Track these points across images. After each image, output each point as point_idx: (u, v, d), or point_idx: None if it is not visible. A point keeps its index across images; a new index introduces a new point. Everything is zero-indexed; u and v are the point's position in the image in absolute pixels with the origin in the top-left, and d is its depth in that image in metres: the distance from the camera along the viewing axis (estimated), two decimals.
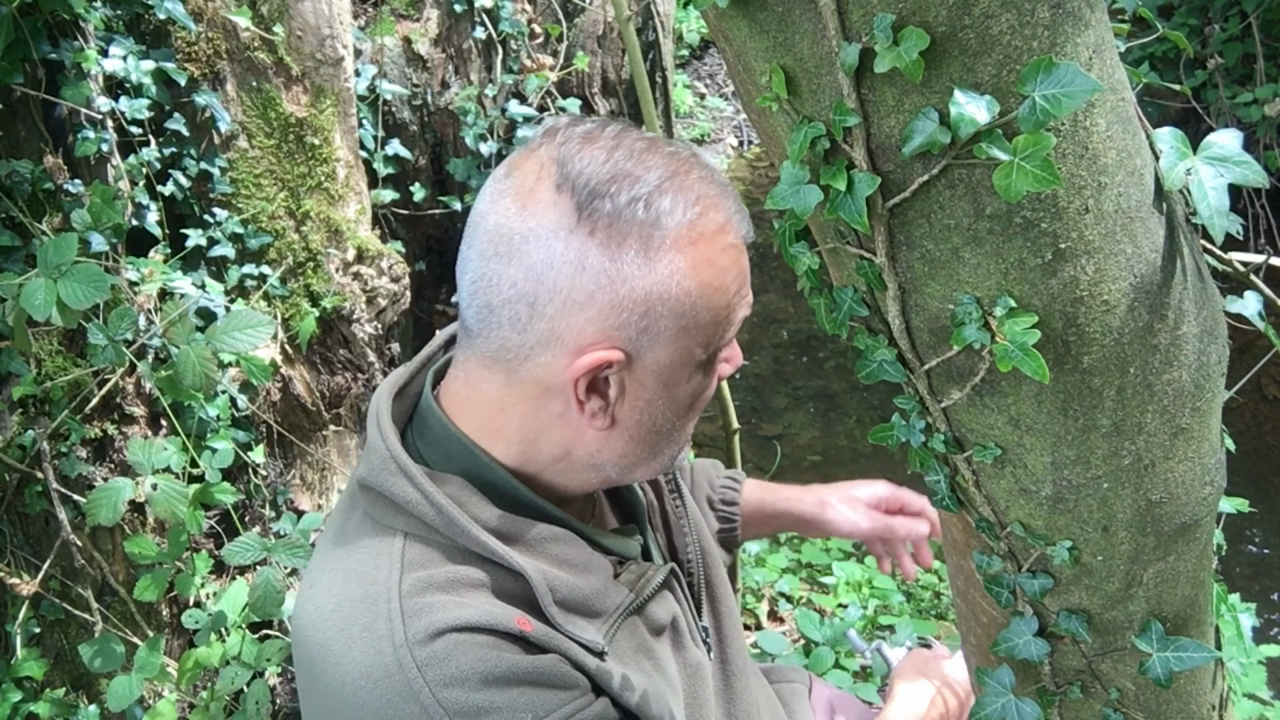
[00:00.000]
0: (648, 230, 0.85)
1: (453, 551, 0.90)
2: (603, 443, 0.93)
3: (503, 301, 0.88)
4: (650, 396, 0.91)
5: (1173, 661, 0.87)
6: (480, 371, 0.93)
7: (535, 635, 0.87)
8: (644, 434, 0.93)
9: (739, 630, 1.22)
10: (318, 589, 0.93)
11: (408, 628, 0.84)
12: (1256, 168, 0.73)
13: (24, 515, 1.98)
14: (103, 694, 1.89)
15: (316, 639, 0.89)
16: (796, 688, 1.40)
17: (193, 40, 2.06)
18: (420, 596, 0.86)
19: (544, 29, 2.67)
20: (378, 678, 0.84)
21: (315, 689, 0.90)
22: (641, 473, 0.98)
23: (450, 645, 0.84)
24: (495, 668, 0.84)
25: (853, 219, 0.72)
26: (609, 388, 0.89)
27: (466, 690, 0.83)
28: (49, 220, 1.90)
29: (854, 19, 0.67)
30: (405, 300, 2.44)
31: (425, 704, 0.82)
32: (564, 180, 0.85)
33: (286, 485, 2.33)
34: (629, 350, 0.87)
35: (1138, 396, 0.77)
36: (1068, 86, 0.64)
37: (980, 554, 0.90)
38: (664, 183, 0.86)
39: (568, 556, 0.94)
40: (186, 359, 1.67)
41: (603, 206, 0.84)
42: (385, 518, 0.92)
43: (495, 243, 0.88)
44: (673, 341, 0.89)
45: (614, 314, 0.86)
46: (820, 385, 4.26)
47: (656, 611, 1.02)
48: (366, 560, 0.91)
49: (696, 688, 1.06)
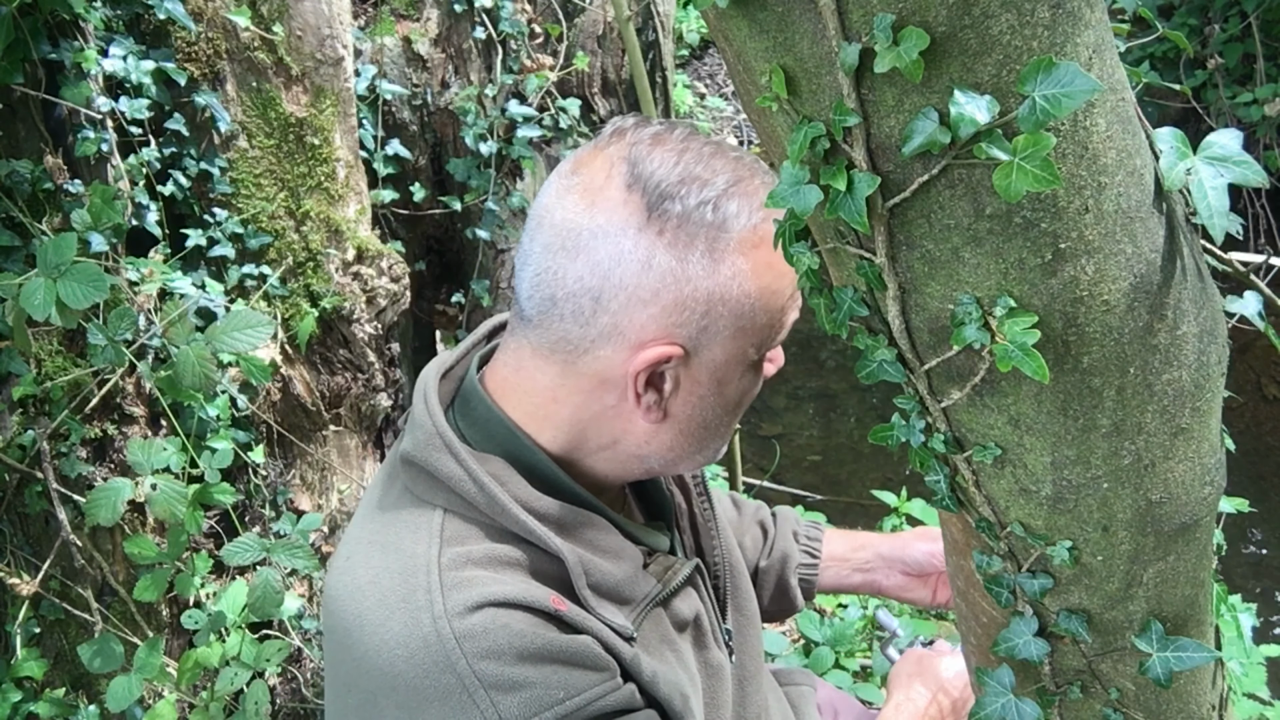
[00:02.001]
0: (714, 232, 0.88)
1: (491, 530, 0.92)
2: (652, 435, 0.95)
3: (567, 295, 0.90)
4: (703, 393, 0.94)
5: (1173, 661, 0.87)
6: (535, 361, 0.94)
7: (569, 616, 0.89)
8: (693, 428, 0.96)
9: (758, 636, 1.23)
10: (354, 561, 0.94)
11: (447, 600, 0.85)
12: (1256, 168, 0.73)
13: (24, 515, 1.98)
14: (103, 694, 1.89)
15: (352, 610, 0.90)
16: (805, 691, 1.41)
17: (193, 40, 2.06)
18: (459, 570, 0.88)
19: (544, 29, 2.67)
20: (414, 648, 0.85)
21: (348, 659, 0.91)
22: (686, 465, 1.00)
23: (488, 619, 0.85)
24: (531, 644, 0.85)
25: (853, 219, 0.72)
26: (665, 382, 0.92)
27: (502, 664, 0.84)
28: (49, 220, 1.90)
29: (854, 19, 0.67)
30: (405, 300, 2.44)
31: (462, 675, 0.83)
32: (634, 180, 0.88)
33: (286, 485, 2.33)
34: (688, 347, 0.90)
35: (1138, 396, 0.77)
36: (1068, 86, 0.64)
37: (980, 554, 0.90)
38: (731, 187, 0.89)
39: (601, 542, 0.95)
40: (186, 359, 1.67)
41: (673, 208, 0.87)
42: (425, 493, 0.94)
43: (562, 237, 0.90)
44: (729, 341, 0.92)
45: (677, 312, 0.89)
46: (820, 385, 4.26)
47: (680, 607, 1.04)
48: (405, 534, 0.92)
49: (716, 688, 1.07)
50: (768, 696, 1.22)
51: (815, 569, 1.43)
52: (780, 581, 1.41)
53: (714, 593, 1.15)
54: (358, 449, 2.46)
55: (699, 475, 1.21)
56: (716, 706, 1.06)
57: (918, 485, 1.10)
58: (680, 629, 1.04)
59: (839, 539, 1.48)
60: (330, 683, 0.97)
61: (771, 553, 1.43)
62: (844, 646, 2.37)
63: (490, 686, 0.83)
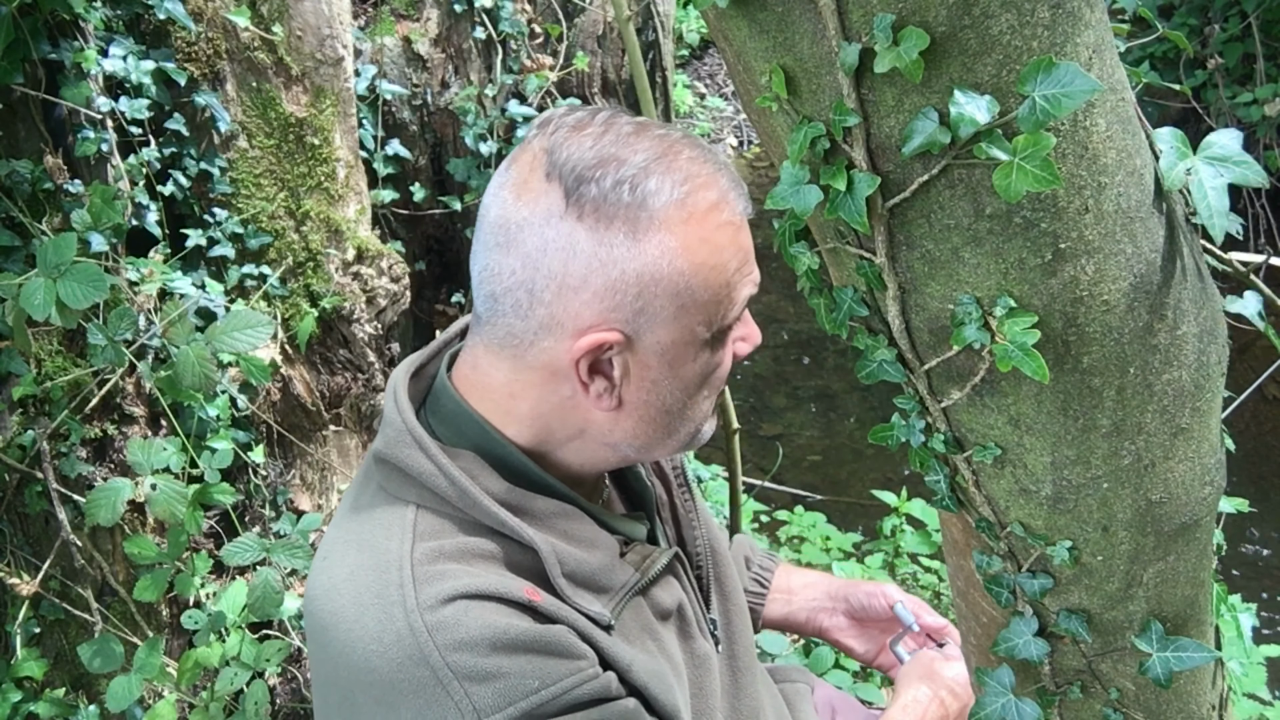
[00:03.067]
0: (634, 212, 0.86)
1: (464, 524, 0.92)
2: (613, 423, 0.95)
3: (505, 290, 0.90)
4: (655, 377, 0.92)
5: (1173, 661, 0.87)
6: (489, 358, 0.95)
7: (544, 606, 0.89)
8: (654, 414, 0.95)
9: (748, 628, 1.23)
10: (330, 560, 0.95)
11: (419, 594, 0.86)
12: (1256, 168, 0.73)
13: (24, 515, 1.98)
14: (103, 694, 1.89)
15: (329, 608, 0.91)
16: (801, 688, 1.40)
17: (193, 40, 2.06)
18: (431, 565, 0.88)
19: (544, 29, 2.67)
20: (388, 642, 0.85)
21: (326, 657, 0.91)
22: (660, 450, 0.99)
23: (460, 611, 0.85)
24: (504, 634, 0.85)
25: (853, 219, 0.72)
26: (613, 369, 0.91)
27: (476, 655, 0.84)
28: (49, 220, 1.90)
29: (854, 19, 0.67)
30: (405, 300, 2.44)
31: (435, 667, 0.84)
32: (552, 168, 0.87)
33: (286, 485, 2.33)
34: (627, 332, 0.89)
35: (1138, 396, 0.77)
36: (1068, 86, 0.64)
37: (980, 554, 0.90)
38: (650, 164, 0.87)
39: (575, 532, 0.95)
40: (186, 359, 1.67)
41: (589, 191, 0.86)
42: (399, 490, 0.94)
43: (496, 234, 0.90)
44: (672, 321, 0.90)
45: (609, 296, 0.87)
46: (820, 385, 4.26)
47: (661, 596, 1.03)
48: (379, 531, 0.93)
49: (703, 679, 1.07)
50: (761, 690, 1.22)
51: (762, 599, 1.42)
52: None
53: (697, 582, 1.14)
54: (358, 449, 2.46)
55: (680, 466, 1.21)
56: (704, 697, 1.06)
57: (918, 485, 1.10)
58: (663, 618, 1.04)
59: (792, 574, 1.47)
60: (314, 682, 0.98)
61: None
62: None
63: (464, 678, 0.83)
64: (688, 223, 0.88)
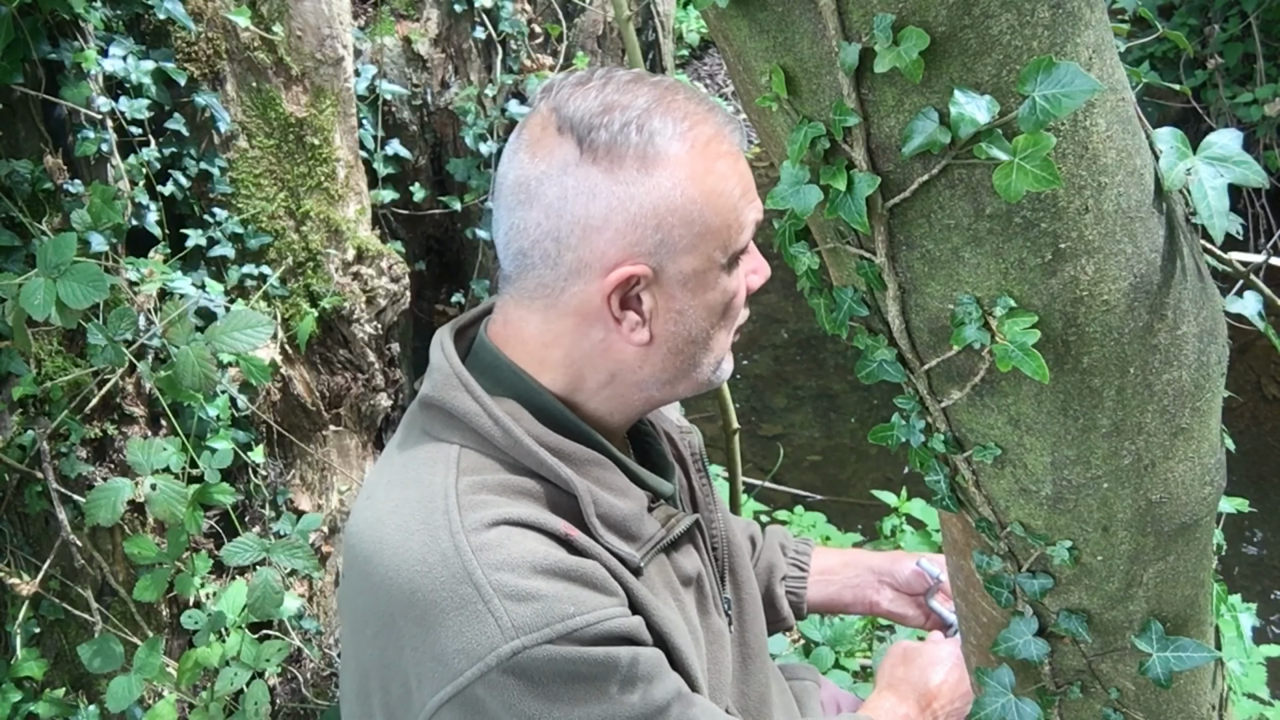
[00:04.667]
0: (643, 149, 0.93)
1: (505, 464, 0.96)
2: (644, 359, 0.99)
3: (532, 243, 0.96)
4: (681, 306, 0.98)
5: (1173, 661, 0.86)
6: (520, 312, 1.00)
7: (579, 541, 0.93)
8: (681, 344, 1.00)
9: (759, 616, 1.25)
10: (374, 499, 0.99)
11: (464, 518, 0.90)
12: (1256, 168, 0.73)
13: (24, 515, 1.98)
14: (103, 694, 1.89)
15: (371, 537, 0.95)
16: (809, 686, 1.41)
17: (193, 40, 2.06)
18: (475, 494, 0.93)
19: (544, 29, 2.66)
20: (433, 562, 0.89)
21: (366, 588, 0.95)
22: (683, 387, 1.03)
23: (503, 534, 0.90)
24: (544, 559, 0.89)
25: (853, 219, 0.72)
26: (642, 304, 0.96)
27: (517, 575, 0.88)
28: (49, 220, 1.90)
29: (854, 19, 0.67)
30: (405, 300, 2.44)
31: (479, 584, 0.87)
32: (563, 122, 0.94)
33: (286, 485, 2.33)
34: (652, 264, 0.95)
35: (1138, 396, 0.77)
36: (1068, 86, 0.64)
37: (980, 554, 0.90)
38: (651, 106, 0.94)
39: (607, 480, 1.00)
40: (186, 359, 1.67)
41: (599, 136, 0.93)
42: (443, 432, 0.99)
43: (516, 193, 0.96)
44: (691, 249, 0.95)
45: (630, 231, 0.93)
46: (820, 385, 4.26)
47: (683, 561, 1.07)
48: (423, 468, 0.97)
49: (718, 654, 1.10)
50: (770, 678, 1.23)
51: (803, 581, 1.44)
52: (767, 592, 1.42)
53: (714, 561, 1.17)
54: (358, 449, 2.46)
55: (698, 452, 1.25)
56: (718, 672, 1.09)
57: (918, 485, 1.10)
58: (685, 584, 1.07)
59: (828, 554, 1.49)
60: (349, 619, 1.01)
61: (758, 564, 1.43)
62: (844, 646, 2.37)
63: (505, 595, 0.87)
64: (691, 154, 0.94)
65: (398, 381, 2.51)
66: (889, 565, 1.44)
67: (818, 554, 1.48)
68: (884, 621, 2.51)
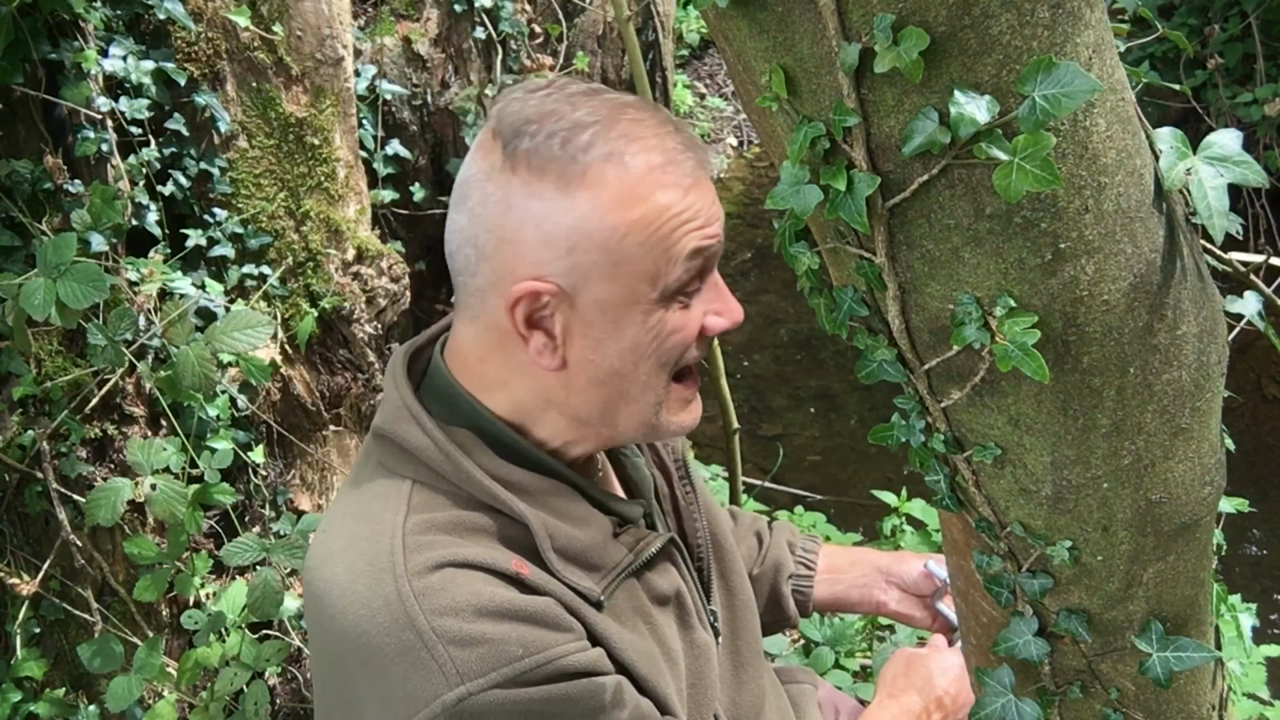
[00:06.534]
0: (564, 165, 0.87)
1: (457, 498, 0.94)
2: (567, 388, 0.94)
3: (457, 247, 0.93)
4: (599, 335, 0.91)
5: (1173, 661, 0.86)
6: (459, 325, 0.98)
7: (530, 579, 0.90)
8: (603, 376, 0.93)
9: (753, 622, 1.23)
10: (330, 532, 0.97)
11: (408, 561, 0.88)
12: (1256, 168, 0.73)
13: (24, 515, 1.98)
14: (103, 694, 1.89)
15: (324, 575, 0.93)
16: (806, 689, 1.40)
17: (193, 40, 2.06)
18: (422, 535, 0.90)
19: (544, 29, 2.67)
20: (376, 607, 0.87)
21: (320, 624, 0.93)
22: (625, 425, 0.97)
23: (447, 578, 0.87)
24: (490, 601, 0.87)
25: (853, 219, 0.72)
26: (553, 325, 0.91)
27: (460, 620, 0.86)
28: (49, 220, 1.90)
29: (854, 19, 0.67)
30: (405, 300, 2.44)
31: (420, 631, 0.85)
32: (498, 126, 0.90)
33: (286, 485, 2.33)
34: (564, 285, 0.89)
35: (1138, 396, 0.77)
36: (1068, 86, 0.64)
37: (980, 554, 0.90)
38: (588, 121, 0.88)
39: (566, 509, 0.97)
40: (186, 359, 1.67)
41: (522, 144, 0.88)
42: (396, 465, 0.96)
43: (455, 194, 0.93)
44: (609, 278, 0.89)
45: (542, 249, 0.88)
46: (820, 385, 4.26)
47: (658, 581, 1.04)
48: (376, 503, 0.95)
49: (703, 669, 1.08)
50: (765, 686, 1.22)
51: (809, 580, 1.42)
52: (773, 590, 1.41)
53: (697, 574, 1.15)
54: (357, 449, 2.46)
55: (680, 458, 1.21)
56: (703, 687, 1.07)
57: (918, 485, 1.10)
58: (660, 603, 1.04)
59: (836, 553, 1.48)
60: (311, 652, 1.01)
61: (764, 561, 1.42)
62: (844, 646, 2.37)
63: (448, 642, 0.85)
64: (622, 179, 0.87)
65: None
66: (896, 565, 1.43)
67: (825, 552, 1.47)
68: (884, 622, 2.51)
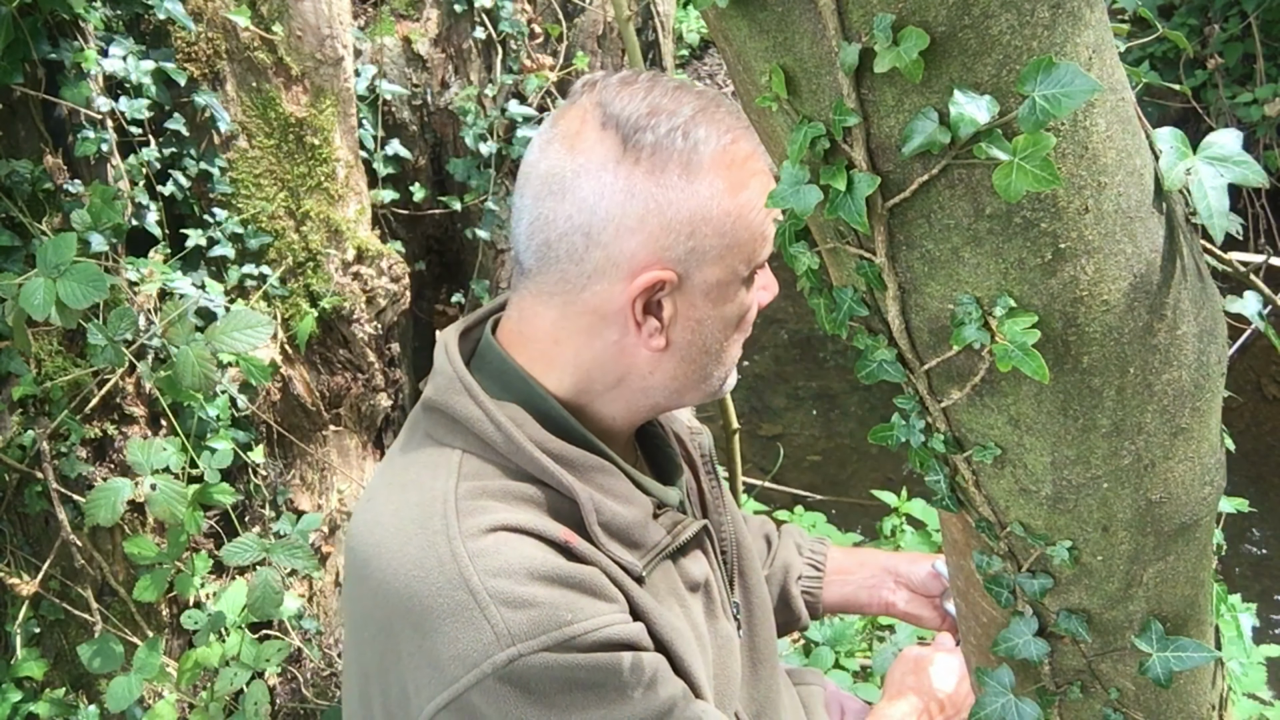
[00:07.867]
0: (687, 156, 0.93)
1: (507, 470, 0.96)
2: (655, 365, 0.99)
3: (559, 236, 0.95)
4: (700, 316, 0.98)
5: (1173, 661, 0.86)
6: (536, 306, 0.99)
7: (578, 548, 0.92)
8: (695, 354, 1.00)
9: (769, 620, 1.25)
10: (375, 501, 0.99)
11: (461, 523, 0.90)
12: (1256, 168, 0.73)
13: (24, 515, 1.98)
14: (103, 694, 1.89)
15: (371, 541, 0.95)
16: (815, 690, 1.41)
17: (192, 40, 2.06)
18: (474, 500, 0.92)
19: (544, 29, 2.66)
20: (429, 566, 0.89)
21: (365, 591, 0.95)
22: (690, 397, 1.03)
23: (501, 540, 0.89)
24: (541, 566, 0.89)
25: (852, 219, 0.72)
26: (663, 310, 0.96)
27: (513, 582, 0.87)
28: (49, 220, 1.90)
29: (854, 19, 0.67)
30: (405, 300, 2.44)
31: (474, 590, 0.87)
32: (608, 119, 0.94)
33: (286, 485, 2.33)
34: (679, 271, 0.95)
35: (1137, 396, 0.77)
36: (1068, 86, 0.64)
37: (980, 554, 0.90)
38: (697, 114, 0.95)
39: (612, 487, 0.99)
40: (186, 359, 1.67)
41: (645, 138, 0.93)
42: (445, 436, 0.98)
43: (549, 184, 0.95)
44: (718, 260, 0.96)
45: (663, 236, 0.93)
46: (820, 385, 4.26)
47: (691, 567, 1.06)
48: (424, 472, 0.97)
49: (726, 659, 1.10)
50: (779, 685, 1.23)
51: (819, 582, 1.43)
52: (783, 592, 1.42)
53: (723, 565, 1.16)
54: (358, 449, 2.46)
55: (707, 455, 1.24)
56: (726, 679, 1.08)
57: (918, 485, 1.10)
58: (692, 589, 1.06)
59: (844, 554, 1.48)
60: (349, 627, 1.00)
61: (773, 563, 1.43)
62: (844, 646, 2.37)
63: (500, 602, 0.86)
64: (730, 167, 0.95)
65: (398, 381, 2.51)
66: (904, 566, 1.43)
67: (833, 553, 1.48)
68: (884, 622, 2.51)
